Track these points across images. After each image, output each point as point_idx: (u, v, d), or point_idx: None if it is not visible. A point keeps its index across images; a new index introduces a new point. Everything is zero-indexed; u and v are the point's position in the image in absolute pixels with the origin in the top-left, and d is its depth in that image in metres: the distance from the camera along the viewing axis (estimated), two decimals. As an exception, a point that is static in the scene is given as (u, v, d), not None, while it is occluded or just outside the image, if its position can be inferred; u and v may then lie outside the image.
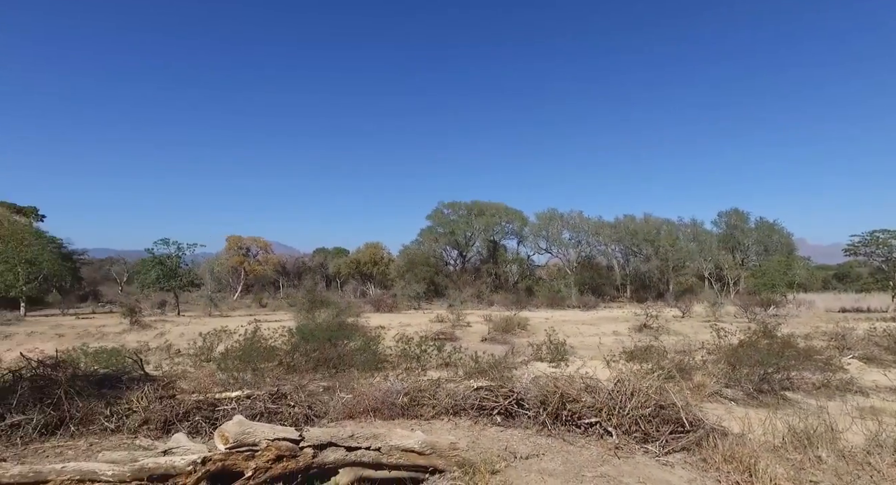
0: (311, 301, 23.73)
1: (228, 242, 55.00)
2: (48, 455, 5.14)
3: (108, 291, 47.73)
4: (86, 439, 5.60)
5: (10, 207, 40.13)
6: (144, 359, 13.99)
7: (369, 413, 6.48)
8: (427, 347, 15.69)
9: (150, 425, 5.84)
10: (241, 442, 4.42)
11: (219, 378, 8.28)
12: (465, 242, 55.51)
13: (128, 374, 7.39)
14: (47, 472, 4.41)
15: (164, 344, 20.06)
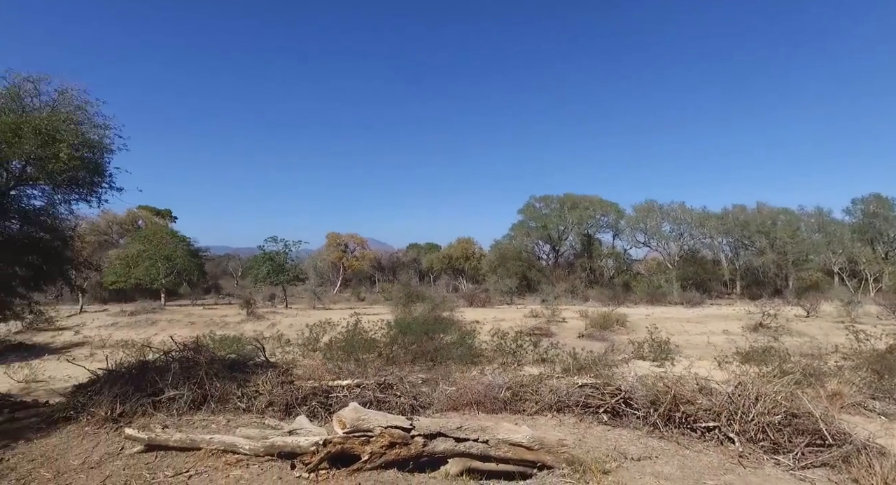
0: (407, 295, 24.55)
1: (328, 238, 58.52)
2: (197, 426, 5.83)
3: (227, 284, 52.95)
4: (224, 415, 6.29)
5: (151, 210, 45.98)
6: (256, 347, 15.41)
7: (472, 406, 6.58)
8: (522, 343, 15.63)
9: (274, 407, 6.41)
10: (356, 428, 4.71)
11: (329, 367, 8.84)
12: (557, 236, 54.22)
13: (252, 360, 8.15)
14: (199, 441, 5.03)
15: (276, 334, 21.89)
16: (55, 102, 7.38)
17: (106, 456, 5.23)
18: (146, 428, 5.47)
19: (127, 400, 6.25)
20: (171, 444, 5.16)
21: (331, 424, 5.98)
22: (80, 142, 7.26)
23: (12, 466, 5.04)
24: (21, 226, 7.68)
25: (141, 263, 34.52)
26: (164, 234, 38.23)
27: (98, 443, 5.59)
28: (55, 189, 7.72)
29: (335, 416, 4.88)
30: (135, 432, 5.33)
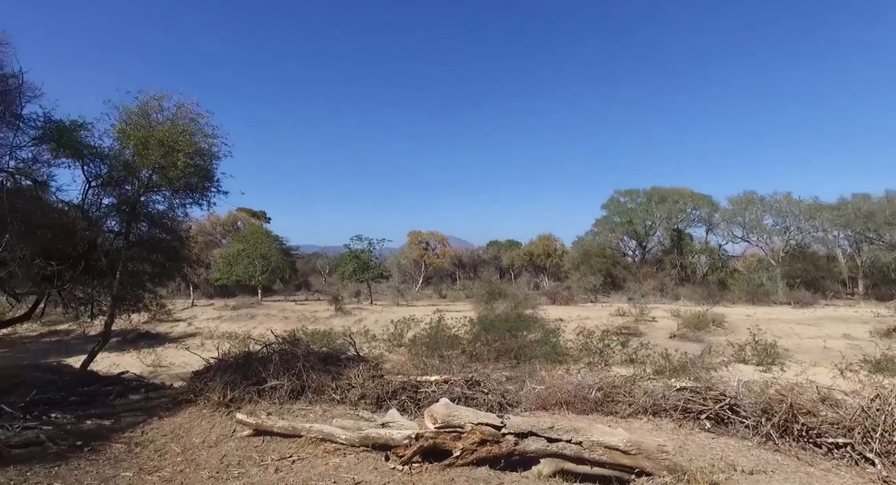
0: (489, 293, 24.52)
1: (410, 237, 59.98)
2: (296, 415, 6.21)
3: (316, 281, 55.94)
4: (320, 405, 6.64)
5: (248, 211, 49.80)
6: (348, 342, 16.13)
7: (561, 406, 6.42)
8: (610, 342, 15.02)
9: (366, 399, 6.66)
10: (447, 423, 4.76)
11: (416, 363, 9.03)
12: (644, 231, 51.48)
13: (344, 354, 8.54)
14: (300, 429, 5.35)
15: (363, 329, 22.77)
16: (174, 116, 8.26)
17: (221, 437, 5.73)
18: (253, 414, 5.92)
19: (236, 387, 6.79)
20: (276, 430, 5.53)
21: (421, 418, 6.11)
22: (194, 150, 8.06)
23: (151, 438, 5.70)
24: (148, 228, 8.69)
25: (240, 262, 37.44)
26: (260, 234, 41.18)
27: (214, 425, 6.14)
28: (174, 194, 8.64)
29: (427, 411, 4.97)
30: (244, 417, 5.78)
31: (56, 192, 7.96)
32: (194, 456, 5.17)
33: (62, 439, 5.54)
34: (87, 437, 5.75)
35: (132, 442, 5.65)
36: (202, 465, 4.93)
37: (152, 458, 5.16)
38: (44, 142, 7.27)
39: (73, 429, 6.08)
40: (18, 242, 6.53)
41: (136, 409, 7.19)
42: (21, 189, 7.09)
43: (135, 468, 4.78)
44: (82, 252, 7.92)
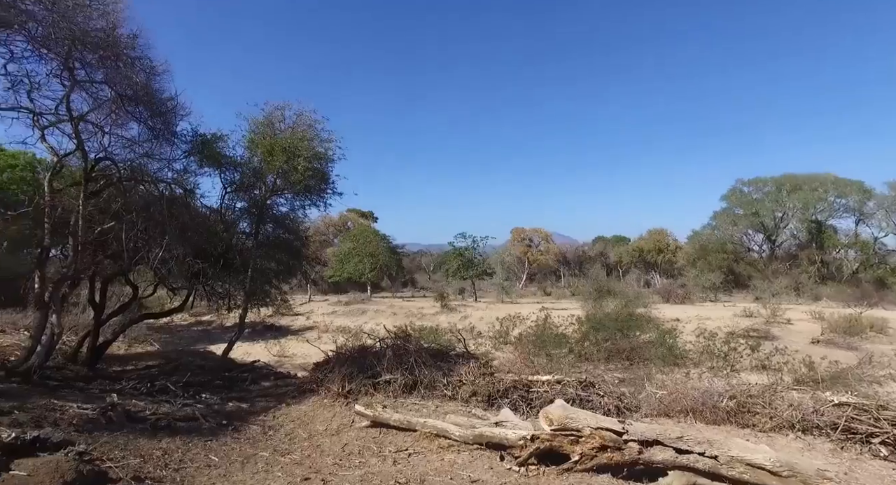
0: (597, 290, 23.51)
1: (513, 233, 59.53)
2: (410, 409, 6.36)
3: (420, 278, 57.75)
4: (432, 401, 6.74)
5: (357, 212, 52.82)
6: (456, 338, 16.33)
7: (687, 413, 5.89)
8: (737, 345, 13.59)
9: (477, 397, 6.64)
10: (564, 426, 4.55)
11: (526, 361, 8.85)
12: (774, 223, 46.04)
13: (453, 350, 8.61)
14: (415, 423, 5.47)
15: (468, 326, 22.96)
16: (294, 124, 8.95)
17: (342, 426, 6.04)
18: (369, 406, 6.16)
19: (353, 380, 7.13)
20: (392, 423, 5.71)
21: (533, 418, 5.94)
22: (312, 155, 8.66)
23: (281, 423, 6.19)
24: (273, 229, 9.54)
25: (351, 260, 39.79)
26: (369, 233, 43.42)
27: (335, 414, 6.50)
28: (294, 197, 9.37)
29: (542, 412, 4.80)
30: (362, 408, 6.04)
31: (200, 198, 9.04)
32: (319, 442, 5.50)
33: (212, 417, 6.19)
34: (230, 417, 6.38)
35: (266, 425, 6.15)
36: (326, 451, 5.22)
37: (283, 441, 5.58)
38: (192, 154, 8.27)
39: (219, 409, 6.79)
40: (175, 243, 7.49)
41: (267, 395, 7.87)
42: (175, 197, 8.12)
43: (270, 449, 5.19)
44: (221, 252, 8.89)
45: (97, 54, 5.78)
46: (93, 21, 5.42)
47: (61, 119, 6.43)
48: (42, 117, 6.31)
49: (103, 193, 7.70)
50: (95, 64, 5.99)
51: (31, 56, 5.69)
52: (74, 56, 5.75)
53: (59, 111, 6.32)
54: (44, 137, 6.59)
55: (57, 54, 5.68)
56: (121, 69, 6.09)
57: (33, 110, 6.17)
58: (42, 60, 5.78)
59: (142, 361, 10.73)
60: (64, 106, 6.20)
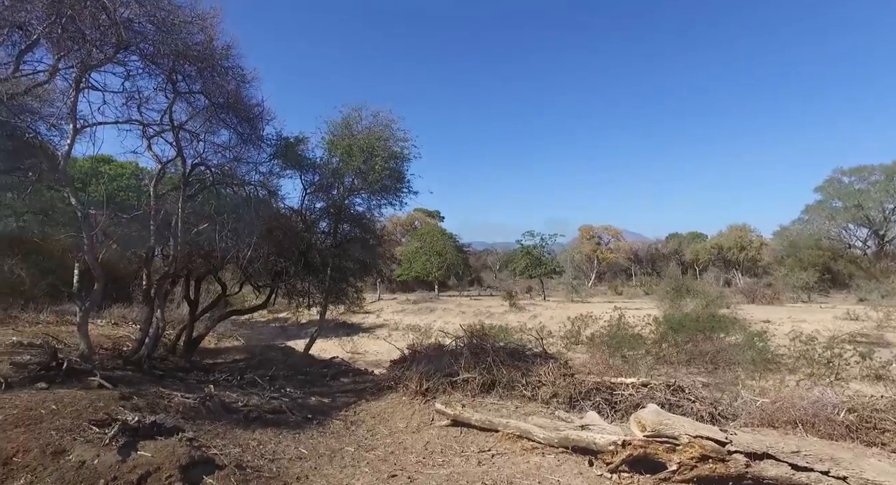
0: (675, 289, 22.33)
1: (581, 231, 57.93)
2: (490, 409, 6.28)
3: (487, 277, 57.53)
4: (511, 401, 6.62)
5: (424, 211, 53.52)
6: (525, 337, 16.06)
7: (795, 425, 5.37)
8: (842, 351, 12.34)
9: (558, 398, 6.44)
10: (658, 432, 4.28)
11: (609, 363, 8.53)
12: (882, 217, 41.47)
13: (530, 350, 8.44)
14: (497, 423, 5.38)
15: (538, 325, 22.56)
16: (371, 124, 9.15)
17: (422, 424, 6.07)
18: (449, 405, 6.14)
19: (430, 378, 7.15)
20: (473, 422, 5.65)
21: (620, 423, 5.68)
22: (389, 154, 8.82)
23: (362, 419, 6.32)
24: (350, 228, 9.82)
25: (418, 259, 40.37)
26: (436, 232, 43.86)
27: (414, 411, 6.55)
28: (371, 196, 9.58)
29: (633, 416, 4.56)
30: (443, 407, 6.03)
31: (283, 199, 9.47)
32: (401, 440, 5.55)
33: (297, 410, 6.44)
34: (314, 411, 6.61)
35: (347, 420, 6.31)
36: (409, 449, 5.25)
37: (366, 437, 5.69)
38: (276, 157, 8.68)
39: (302, 403, 7.06)
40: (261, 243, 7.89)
41: (346, 390, 8.10)
42: (261, 199, 8.55)
43: (354, 444, 5.30)
44: (302, 251, 9.26)
45: (196, 66, 6.20)
46: (194, 36, 5.82)
47: (164, 129, 6.97)
48: (149, 128, 6.88)
49: (198, 197, 8.26)
50: (194, 75, 6.43)
51: (142, 72, 6.19)
52: (177, 69, 6.20)
53: (162, 121, 6.86)
54: (150, 146, 7.19)
55: (163, 69, 6.16)
56: (215, 79, 6.49)
57: (143, 122, 6.74)
58: (150, 76, 6.29)
59: (230, 355, 11.44)
60: (167, 116, 6.72)
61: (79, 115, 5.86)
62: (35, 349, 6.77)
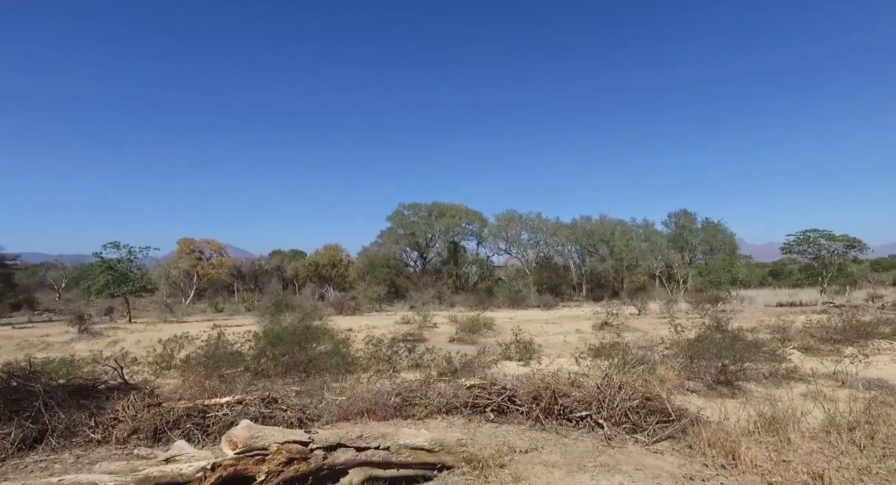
0: (275, 305, 23.23)
1: (180, 244, 52.85)
2: (32, 471, 4.91)
3: (45, 298, 44.81)
4: (70, 451, 5.38)
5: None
6: (100, 369, 13.32)
7: (363, 414, 6.53)
8: (398, 349, 15.75)
9: (139, 434, 5.67)
10: (250, 447, 4.41)
11: (205, 385, 8.07)
12: (425, 243, 55.72)
13: (104, 383, 7.09)
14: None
15: (120, 352, 19.09)
16: None
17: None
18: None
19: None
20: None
21: (212, 446, 5.50)
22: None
23: None
24: None
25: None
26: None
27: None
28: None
29: (225, 436, 4.51)
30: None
31: None
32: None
33: None
34: None
35: None
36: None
37: None
38: None
39: None
40: None
41: None
42: None
43: None
44: None
45: None
46: None
47: None
48: None
49: None
50: None
51: None
52: None
53: None
54: None
55: None
56: None
57: None
58: None
59: None
60: None
61: None
62: None
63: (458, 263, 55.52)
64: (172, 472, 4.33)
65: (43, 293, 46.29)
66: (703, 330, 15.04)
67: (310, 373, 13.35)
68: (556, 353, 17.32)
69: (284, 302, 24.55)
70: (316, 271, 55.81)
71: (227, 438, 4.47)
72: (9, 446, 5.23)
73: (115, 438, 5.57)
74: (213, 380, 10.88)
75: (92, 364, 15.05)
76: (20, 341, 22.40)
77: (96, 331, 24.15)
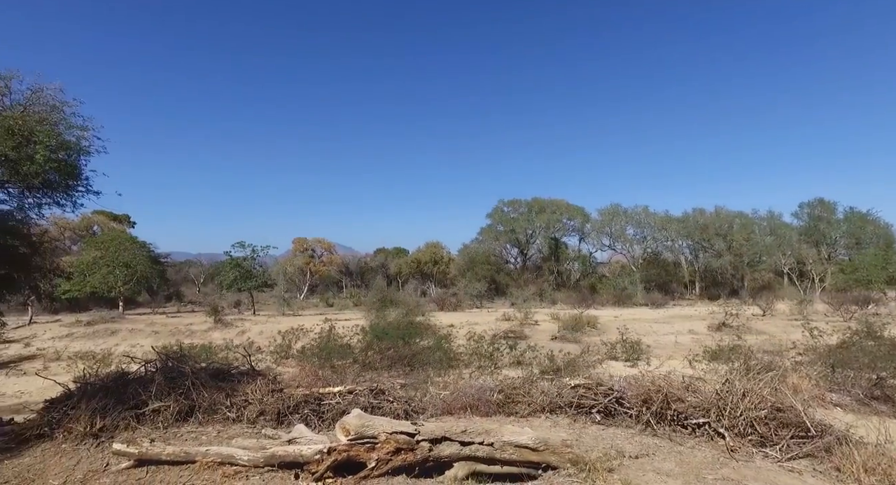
0: (380, 300, 24.37)
1: (295, 243, 57.52)
2: (186, 439, 5.63)
3: (188, 291, 51.18)
4: (213, 426, 6.09)
5: (108, 215, 43.87)
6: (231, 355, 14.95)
7: (466, 409, 6.61)
8: (499, 346, 15.79)
9: (265, 416, 6.26)
10: (361, 434, 4.67)
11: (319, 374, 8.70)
12: (525, 239, 55.05)
13: (236, 368, 7.92)
14: (195, 453, 4.87)
15: (247, 341, 21.28)
16: (28, 101, 7.02)
17: (90, 474, 4.99)
18: (133, 442, 5.24)
19: (107, 414, 5.96)
20: (164, 457, 4.97)
21: (327, 431, 5.91)
22: (58, 144, 6.93)
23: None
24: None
25: (97, 271, 32.93)
26: (123, 239, 36.63)
27: (79, 460, 5.32)
28: (26, 193, 7.32)
29: (339, 423, 4.83)
30: (123, 446, 5.10)
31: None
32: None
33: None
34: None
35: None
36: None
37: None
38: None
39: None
40: None
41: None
42: None
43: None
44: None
45: None
46: None
47: None
48: None
49: None
50: None
51: None
52: None
53: None
54: None
55: None
56: None
57: None
58: None
59: None
60: None
61: None
62: None
63: (559, 260, 54.18)
64: (294, 452, 4.72)
65: (186, 287, 52.93)
66: (850, 335, 13.16)
67: (413, 367, 13.85)
68: (666, 354, 16.25)
69: (389, 298, 25.70)
70: (418, 268, 57.67)
71: (341, 425, 4.77)
72: (169, 416, 6.07)
73: (246, 417, 6.20)
74: (326, 370, 11.72)
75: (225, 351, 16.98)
76: (172, 328, 25.86)
77: (228, 322, 27.09)
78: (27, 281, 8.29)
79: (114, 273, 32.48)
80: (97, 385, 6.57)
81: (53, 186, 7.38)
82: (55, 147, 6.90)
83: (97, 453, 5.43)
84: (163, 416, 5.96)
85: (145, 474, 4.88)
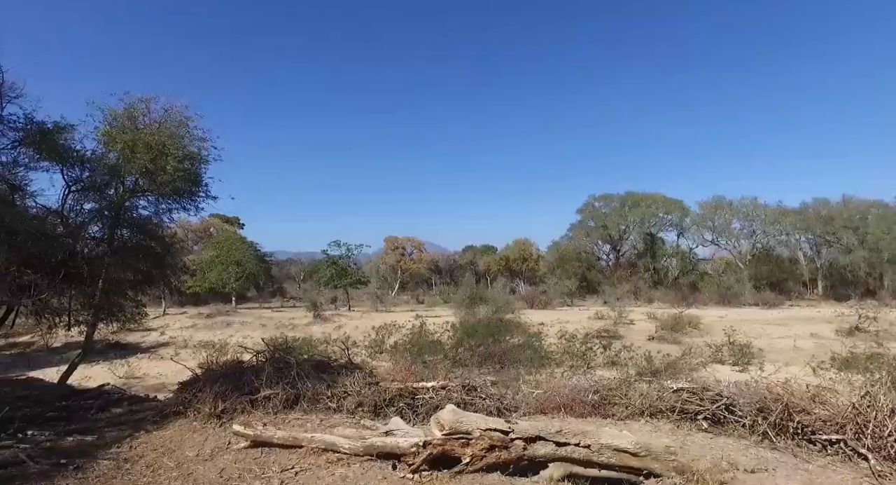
0: (470, 298, 24.58)
1: (386, 242, 59.72)
2: (293, 425, 6.07)
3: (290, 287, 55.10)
4: (316, 414, 6.50)
5: (221, 217, 48.65)
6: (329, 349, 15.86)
7: (560, 409, 6.46)
8: (592, 345, 15.27)
9: (363, 407, 6.56)
10: (455, 430, 4.72)
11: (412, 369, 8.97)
12: (618, 235, 52.61)
13: (335, 361, 8.40)
14: (301, 439, 5.23)
15: (343, 336, 22.45)
16: (162, 119, 8.02)
17: (216, 450, 5.54)
18: (248, 425, 5.75)
19: (227, 398, 6.59)
20: (275, 441, 5.39)
21: (422, 425, 6.06)
22: (184, 155, 7.84)
23: (140, 453, 5.46)
24: (132, 234, 8.39)
25: (214, 268, 36.63)
26: (234, 240, 40.39)
27: (207, 437, 5.94)
28: (160, 199, 8.37)
29: (433, 417, 4.93)
30: (241, 428, 5.61)
31: (32, 196, 7.62)
32: (190, 470, 5.00)
33: (44, 457, 5.27)
34: (71, 454, 5.48)
35: (120, 458, 5.41)
36: (199, 480, 4.77)
37: (144, 474, 4.97)
38: (24, 145, 6.95)
39: (53, 446, 5.79)
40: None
41: (120, 423, 6.90)
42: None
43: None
44: (61, 260, 7.59)
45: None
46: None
47: None
48: None
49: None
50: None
51: None
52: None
53: None
54: None
55: None
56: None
57: None
58: None
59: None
60: None
61: None
62: None
63: (655, 257, 51.14)
64: (391, 444, 4.90)
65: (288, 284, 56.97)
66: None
67: (504, 364, 13.81)
68: (783, 360, 14.73)
69: (478, 295, 25.85)
70: (506, 266, 57.40)
71: (436, 419, 4.86)
72: (278, 403, 6.59)
73: (346, 408, 6.53)
74: (418, 365, 12.05)
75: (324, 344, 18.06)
76: (277, 322, 28.04)
77: (326, 317, 28.81)
78: (162, 277, 9.44)
79: (227, 271, 35.93)
80: (218, 372, 7.29)
81: (181, 192, 8.36)
82: (181, 157, 7.81)
83: (220, 432, 6.03)
84: (272, 402, 6.46)
85: (260, 454, 5.32)
